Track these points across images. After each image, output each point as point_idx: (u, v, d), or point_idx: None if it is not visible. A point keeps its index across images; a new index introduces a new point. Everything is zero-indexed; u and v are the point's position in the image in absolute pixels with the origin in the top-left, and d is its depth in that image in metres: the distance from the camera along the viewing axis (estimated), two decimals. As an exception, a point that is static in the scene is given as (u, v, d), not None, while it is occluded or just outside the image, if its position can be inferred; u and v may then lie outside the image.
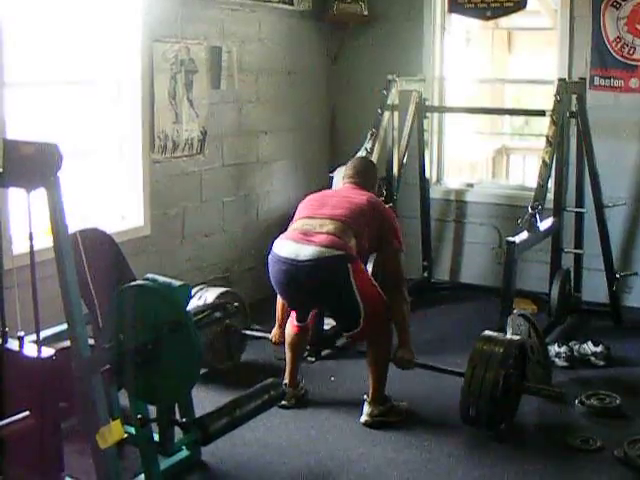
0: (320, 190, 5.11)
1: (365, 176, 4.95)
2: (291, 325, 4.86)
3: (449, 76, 7.18)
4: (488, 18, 6.90)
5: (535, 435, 4.60)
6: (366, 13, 7.09)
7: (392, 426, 4.56)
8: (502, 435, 4.43)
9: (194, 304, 5.03)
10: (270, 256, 4.55)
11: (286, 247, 4.45)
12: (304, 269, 4.36)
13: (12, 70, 4.71)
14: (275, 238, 4.65)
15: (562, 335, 5.80)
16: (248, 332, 5.29)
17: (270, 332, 5.05)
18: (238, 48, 6.30)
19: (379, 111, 6.04)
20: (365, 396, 4.62)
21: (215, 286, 5.42)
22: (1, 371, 3.28)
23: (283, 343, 4.94)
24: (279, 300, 4.84)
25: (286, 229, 4.67)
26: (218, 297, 5.16)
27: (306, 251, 4.37)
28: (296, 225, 4.60)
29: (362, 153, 5.75)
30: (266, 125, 6.71)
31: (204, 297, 5.13)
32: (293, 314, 4.81)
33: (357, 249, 4.47)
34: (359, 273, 4.43)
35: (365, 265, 4.82)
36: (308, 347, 5.37)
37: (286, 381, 4.82)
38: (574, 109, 5.93)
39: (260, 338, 5.21)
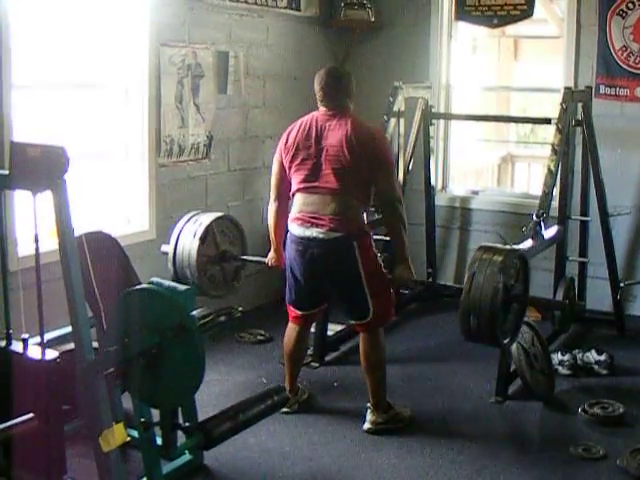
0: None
1: (337, 95, 4.62)
2: (290, 335, 4.84)
3: (455, 83, 7.19)
4: (495, 26, 6.91)
5: (538, 443, 4.60)
6: (373, 19, 7.10)
7: (395, 432, 4.56)
8: (502, 446, 4.43)
9: (189, 228, 4.97)
10: (288, 236, 4.63)
11: (298, 229, 4.52)
12: (316, 248, 4.45)
13: (20, 72, 4.73)
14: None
15: (566, 343, 5.80)
16: (244, 257, 5.18)
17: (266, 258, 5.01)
18: (245, 53, 6.32)
19: (385, 118, 6.05)
20: (368, 404, 4.62)
21: (210, 211, 5.33)
22: (5, 373, 3.29)
23: (279, 266, 4.91)
24: (272, 221, 4.82)
25: (284, 176, 4.69)
26: (214, 220, 5.01)
27: (315, 233, 4.44)
28: (299, 205, 4.56)
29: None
30: (272, 130, 6.71)
31: (199, 221, 4.99)
32: (291, 311, 4.80)
33: (363, 207, 4.54)
34: (366, 252, 4.48)
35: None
36: (311, 352, 5.39)
37: (287, 389, 4.80)
38: (580, 117, 5.93)
39: (257, 262, 5.14)
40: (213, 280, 5.03)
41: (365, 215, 4.62)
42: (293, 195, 4.64)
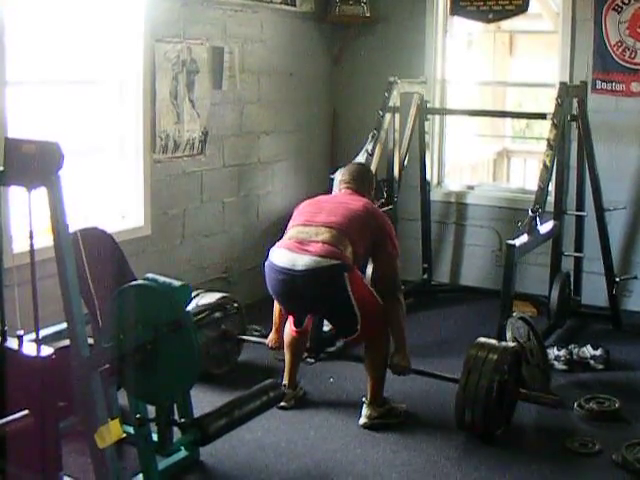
0: (318, 194, 5.09)
1: (361, 182, 4.93)
2: (290, 327, 4.86)
3: (450, 78, 7.19)
4: (490, 21, 6.91)
5: (534, 438, 4.60)
6: (368, 15, 7.09)
7: (391, 428, 4.56)
8: (499, 442, 4.44)
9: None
10: (267, 264, 4.53)
11: (282, 257, 4.44)
12: (301, 279, 4.36)
13: (14, 69, 4.71)
14: (275, 239, 4.66)
15: (561, 338, 5.81)
16: (245, 337, 5.29)
17: (268, 335, 5.05)
18: (240, 49, 6.31)
19: (380, 113, 6.04)
20: (364, 398, 4.62)
21: (212, 291, 5.41)
22: (0, 370, 3.28)
23: (279, 348, 4.95)
24: (276, 305, 4.83)
25: (285, 231, 4.67)
26: (216, 301, 5.19)
27: (302, 261, 4.35)
28: (291, 233, 4.57)
29: (363, 155, 5.74)
30: (267, 126, 6.71)
31: (201, 304, 5.15)
32: (291, 318, 4.81)
33: (353, 257, 4.46)
34: (356, 281, 4.41)
35: (363, 270, 4.82)
36: (307, 348, 5.38)
37: (285, 382, 4.83)
38: (575, 112, 5.93)
39: (257, 343, 5.21)
40: (215, 359, 5.14)
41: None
42: (287, 231, 4.65)
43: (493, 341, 4.53)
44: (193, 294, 5.14)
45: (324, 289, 4.40)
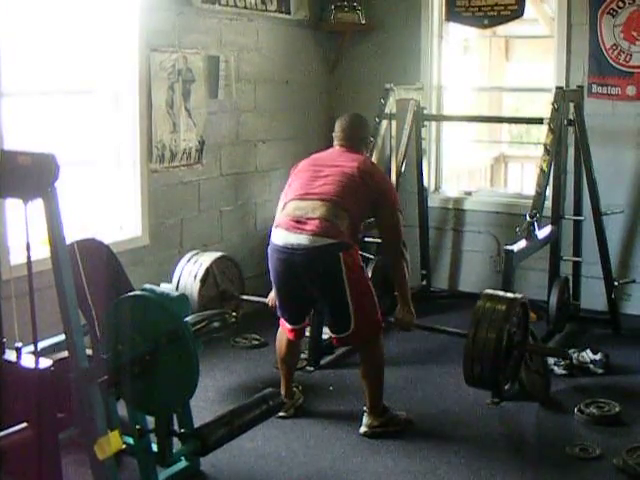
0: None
1: (354, 135, 4.81)
2: (281, 339, 4.81)
3: (447, 84, 7.19)
4: (485, 26, 6.91)
5: (534, 443, 4.60)
6: (364, 22, 7.10)
7: (391, 435, 4.55)
8: (499, 447, 4.43)
9: (189, 269, 5.04)
10: (269, 247, 4.56)
11: (281, 237, 4.45)
12: (299, 257, 4.36)
13: (10, 80, 4.72)
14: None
15: (561, 343, 5.80)
16: (244, 297, 5.25)
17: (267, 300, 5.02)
18: (236, 57, 6.31)
19: (377, 120, 6.05)
20: (364, 407, 4.61)
21: (209, 251, 5.37)
22: (-1, 382, 3.28)
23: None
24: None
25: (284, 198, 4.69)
26: (214, 261, 5.13)
27: (298, 240, 4.36)
28: (288, 210, 4.53)
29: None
30: (264, 134, 6.71)
31: (199, 261, 5.12)
32: (283, 322, 4.76)
33: (351, 228, 4.44)
34: (352, 263, 4.38)
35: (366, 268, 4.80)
36: (306, 356, 5.38)
37: (282, 393, 4.78)
38: (572, 117, 5.93)
39: (256, 302, 5.19)
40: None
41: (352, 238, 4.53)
42: (285, 205, 4.62)
43: (501, 292, 4.50)
44: (191, 253, 5.21)
45: (319, 268, 4.38)
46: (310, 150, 7.07)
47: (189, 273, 5.08)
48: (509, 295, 4.45)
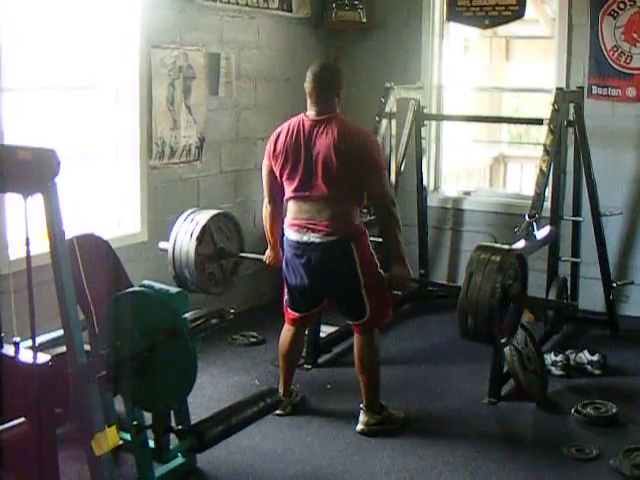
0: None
1: (324, 94, 4.58)
2: (285, 335, 4.83)
3: (447, 84, 7.19)
4: (486, 27, 6.90)
5: (531, 444, 4.60)
6: (365, 20, 7.09)
7: (388, 433, 4.55)
8: (496, 447, 4.44)
9: (185, 227, 5.02)
10: (284, 239, 4.63)
11: (295, 235, 4.53)
12: (312, 251, 4.46)
13: (10, 75, 4.71)
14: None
15: (558, 344, 5.80)
16: (242, 254, 5.24)
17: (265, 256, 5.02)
18: (236, 55, 6.31)
19: (377, 119, 6.04)
20: (361, 405, 4.61)
21: (206, 209, 5.36)
22: (-3, 377, 3.28)
23: (276, 265, 4.91)
24: (267, 219, 4.83)
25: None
26: (211, 219, 5.08)
27: (311, 238, 4.45)
28: (294, 212, 4.56)
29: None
30: (264, 132, 6.67)
31: (196, 220, 5.07)
32: (288, 312, 4.78)
33: (357, 211, 4.54)
34: (363, 253, 4.50)
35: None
36: (303, 354, 5.38)
37: (280, 391, 4.79)
38: (572, 118, 5.93)
39: (254, 259, 5.20)
40: (212, 278, 5.09)
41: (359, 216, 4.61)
42: (287, 201, 4.64)
43: (497, 244, 4.45)
44: (189, 211, 5.17)
45: (333, 260, 4.47)
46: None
47: (185, 232, 5.00)
48: (504, 246, 4.40)
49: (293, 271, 4.60)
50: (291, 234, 4.56)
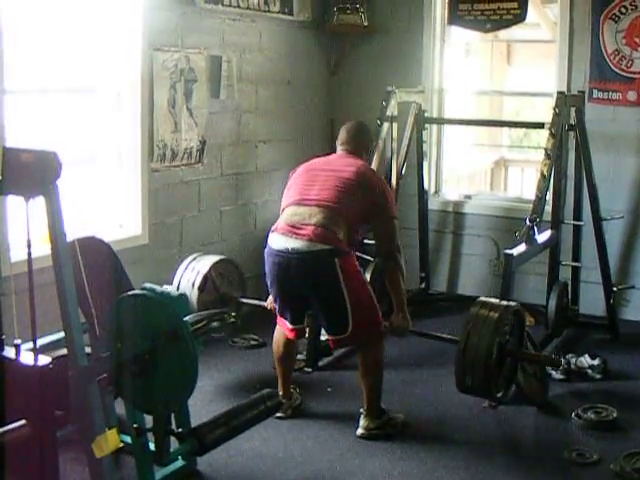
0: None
1: (356, 140, 4.86)
2: (278, 339, 4.82)
3: (448, 87, 7.19)
4: (488, 30, 6.91)
5: (531, 448, 4.60)
6: (366, 24, 7.10)
7: (388, 437, 4.55)
8: (496, 451, 4.43)
9: (187, 277, 5.08)
10: (266, 250, 4.57)
11: (278, 241, 4.47)
12: (295, 261, 4.38)
13: (12, 77, 4.72)
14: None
15: (559, 348, 5.80)
16: (244, 300, 5.28)
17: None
18: (238, 58, 6.31)
19: (378, 122, 6.05)
20: (361, 409, 4.61)
21: (209, 254, 5.40)
22: (-2, 379, 3.28)
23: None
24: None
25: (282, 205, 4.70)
26: (213, 265, 5.16)
27: (294, 244, 4.38)
28: (286, 215, 4.56)
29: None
30: (265, 135, 6.72)
31: (197, 269, 5.16)
32: (281, 320, 4.76)
33: (348, 234, 4.46)
34: (348, 268, 4.41)
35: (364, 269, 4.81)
36: (304, 357, 5.38)
37: (280, 393, 4.78)
38: (573, 122, 5.93)
39: (256, 306, 5.22)
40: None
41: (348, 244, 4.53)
42: (283, 210, 4.64)
43: (494, 300, 4.47)
44: (189, 259, 5.26)
45: (315, 274, 4.40)
46: (311, 151, 7.09)
47: (187, 281, 5.13)
48: (502, 303, 4.43)
49: (276, 282, 4.55)
50: (273, 240, 4.50)
